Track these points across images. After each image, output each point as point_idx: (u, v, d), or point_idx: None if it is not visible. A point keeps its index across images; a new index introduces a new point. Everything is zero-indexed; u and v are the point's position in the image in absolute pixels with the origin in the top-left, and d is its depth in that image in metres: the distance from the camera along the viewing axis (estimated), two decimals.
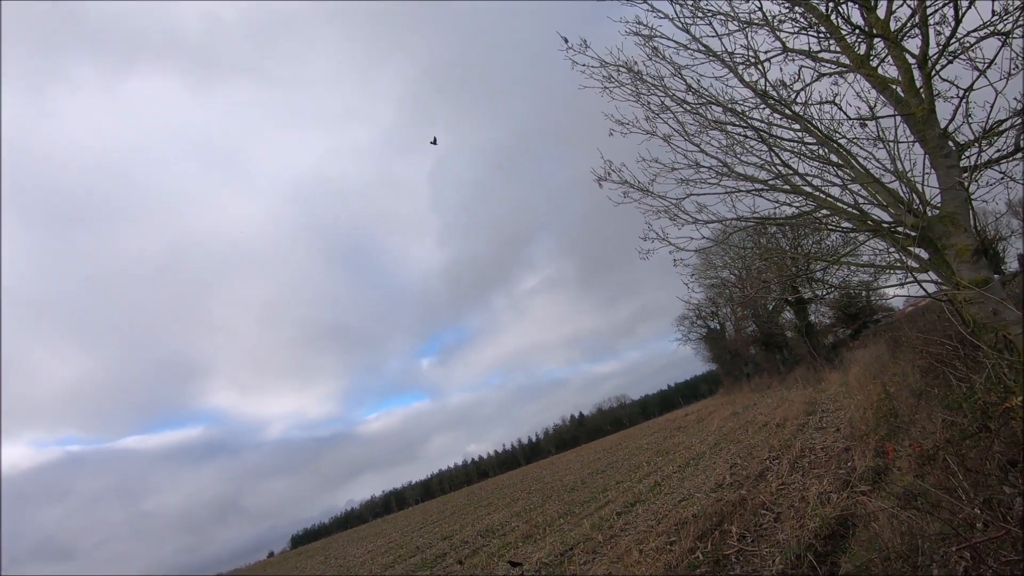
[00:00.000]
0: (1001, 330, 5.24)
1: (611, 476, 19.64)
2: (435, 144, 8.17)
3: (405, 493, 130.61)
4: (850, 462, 8.89)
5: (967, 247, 5.46)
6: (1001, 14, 5.47)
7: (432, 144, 8.16)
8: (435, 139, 8.00)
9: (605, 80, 7.59)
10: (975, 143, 5.78)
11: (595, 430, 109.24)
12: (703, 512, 8.64)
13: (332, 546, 44.02)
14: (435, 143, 8.08)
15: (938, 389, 7.71)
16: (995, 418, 4.77)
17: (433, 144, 8.14)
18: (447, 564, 12.87)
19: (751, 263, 12.98)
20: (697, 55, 6.96)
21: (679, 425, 35.08)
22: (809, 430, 14.08)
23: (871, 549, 4.95)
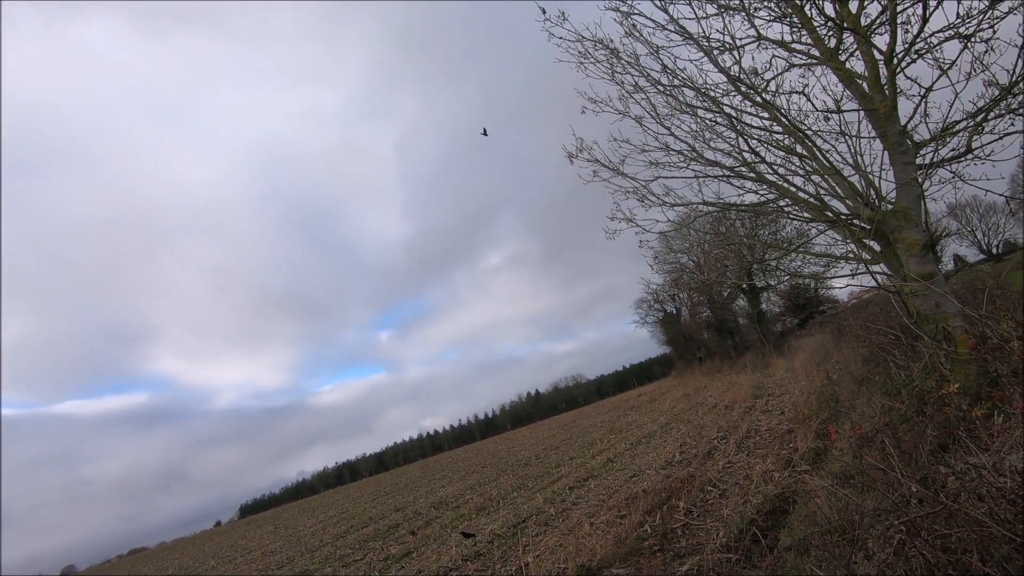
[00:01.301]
0: (941, 322, 5.52)
1: (565, 452, 20.05)
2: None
3: (359, 465, 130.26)
4: (793, 443, 9.30)
5: (917, 242, 5.70)
6: (964, 17, 5.64)
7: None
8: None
9: (581, 56, 7.50)
10: (931, 142, 5.99)
11: (551, 407, 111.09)
12: (653, 488, 8.92)
13: (282, 516, 43.63)
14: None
15: (878, 376, 8.12)
16: (930, 404, 5.05)
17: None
18: (400, 535, 12.93)
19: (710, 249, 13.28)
20: (673, 36, 6.94)
21: (632, 405, 36.03)
22: (756, 412, 14.67)
23: (810, 524, 5.21)
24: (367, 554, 11.61)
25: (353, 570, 10.27)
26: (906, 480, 3.11)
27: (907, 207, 5.78)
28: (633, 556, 6.44)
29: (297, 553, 15.45)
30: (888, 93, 5.91)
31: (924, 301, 5.71)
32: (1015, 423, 3.48)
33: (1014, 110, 5.45)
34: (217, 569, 17.95)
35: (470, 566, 8.03)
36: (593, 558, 6.47)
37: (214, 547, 30.76)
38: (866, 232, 6.02)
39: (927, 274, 5.65)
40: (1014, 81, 5.38)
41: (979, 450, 3.43)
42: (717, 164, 6.82)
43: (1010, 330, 4.49)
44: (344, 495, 45.91)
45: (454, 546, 9.39)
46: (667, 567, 5.78)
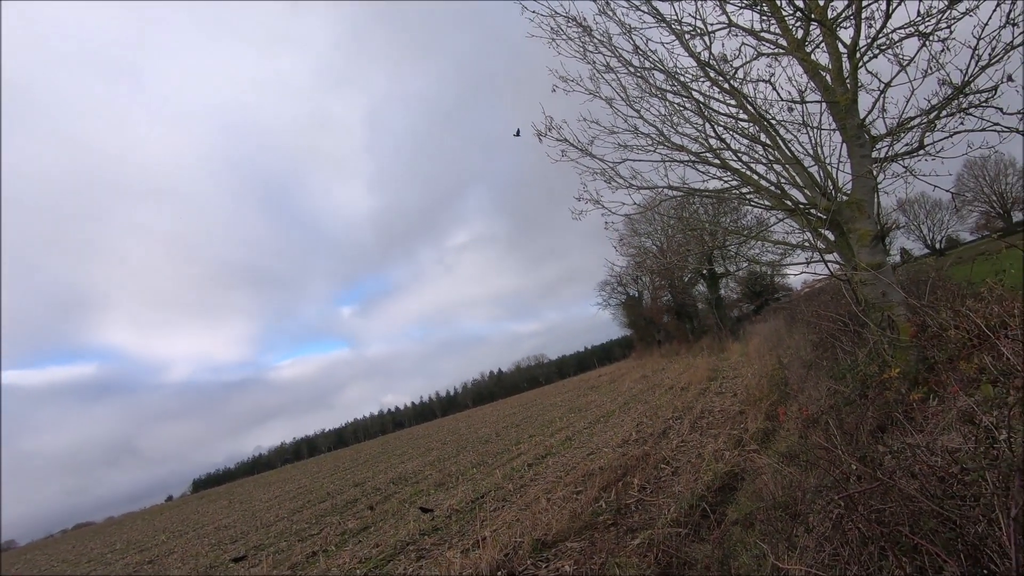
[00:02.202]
0: (887, 310, 5.79)
1: (525, 430, 20.32)
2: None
3: (317, 441, 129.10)
4: (744, 424, 9.67)
5: (868, 233, 5.92)
6: (924, 15, 5.80)
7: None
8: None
9: (553, 32, 7.40)
10: (887, 136, 6.19)
11: (512, 387, 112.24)
12: (609, 465, 9.14)
13: (237, 491, 42.97)
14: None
15: (826, 361, 8.48)
16: (873, 388, 5.31)
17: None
18: (358, 509, 12.91)
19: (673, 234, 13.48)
20: (646, 18, 6.91)
21: (592, 385, 36.71)
22: (710, 394, 15.16)
23: (756, 500, 5.45)
24: (323, 528, 11.56)
25: (309, 544, 10.21)
26: (847, 459, 3.27)
27: (861, 199, 5.98)
28: (587, 531, 6.61)
29: (251, 527, 15.27)
30: (850, 86, 6.07)
31: (872, 290, 5.97)
32: (948, 406, 3.69)
33: (964, 109, 5.67)
34: (167, 544, 17.58)
35: (427, 540, 8.10)
36: (549, 532, 6.61)
37: (165, 521, 30.09)
38: (822, 222, 6.22)
39: (876, 264, 5.89)
40: (966, 81, 5.58)
41: (914, 431, 3.63)
42: (683, 149, 6.89)
43: (948, 319, 4.73)
44: (302, 470, 45.49)
45: (412, 521, 9.45)
46: (619, 541, 5.95)
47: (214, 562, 11.26)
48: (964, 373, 3.94)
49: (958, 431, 3.20)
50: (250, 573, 9.02)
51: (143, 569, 13.37)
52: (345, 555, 8.60)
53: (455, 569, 6.02)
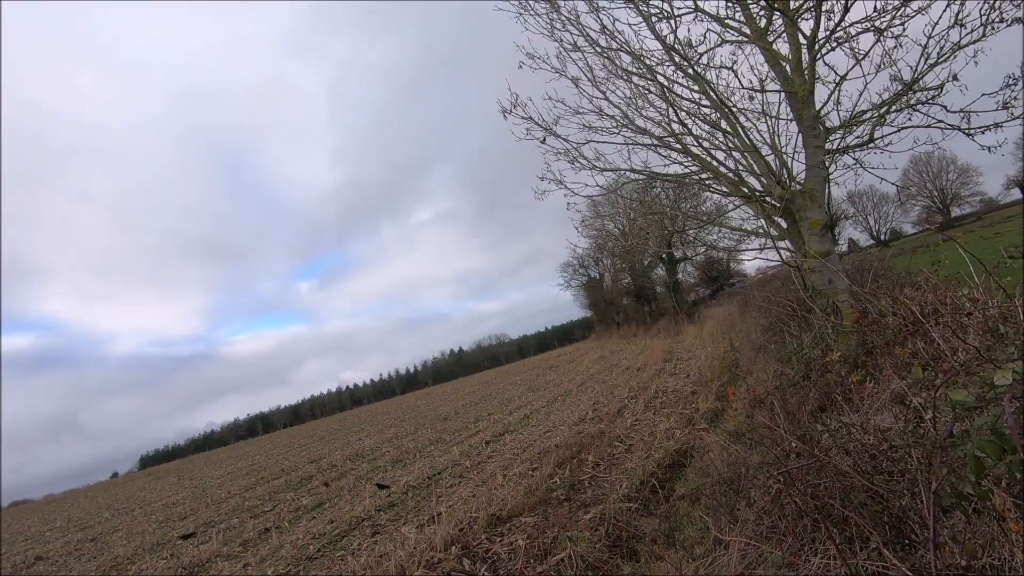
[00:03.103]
0: (832, 296, 6.04)
1: (484, 408, 20.47)
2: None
3: (273, 417, 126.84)
4: (695, 403, 10.00)
5: (819, 222, 6.13)
6: (880, 11, 5.97)
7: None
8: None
9: (520, 6, 7.29)
10: (840, 128, 6.39)
11: (473, 365, 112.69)
12: (565, 443, 9.32)
13: (187, 467, 41.89)
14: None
15: (774, 345, 8.82)
16: (815, 370, 5.56)
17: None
18: (313, 486, 12.80)
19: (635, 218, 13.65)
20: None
21: (552, 365, 37.20)
22: (664, 375, 15.59)
23: (703, 476, 5.67)
24: (277, 505, 11.42)
25: (261, 521, 10.07)
26: (788, 437, 3.42)
27: (813, 188, 6.18)
28: (542, 506, 6.74)
29: (201, 504, 14.94)
30: (807, 77, 6.21)
31: (819, 277, 6.22)
32: (882, 388, 3.90)
33: (912, 105, 5.90)
34: (112, 521, 17.02)
35: (383, 516, 8.11)
36: (504, 508, 6.71)
37: (109, 499, 29.11)
38: (776, 209, 6.41)
39: (824, 252, 6.12)
40: (915, 78, 5.81)
41: (851, 411, 3.83)
42: (647, 132, 6.94)
43: (887, 307, 4.98)
44: (256, 447, 44.67)
45: (368, 497, 9.43)
46: (572, 516, 6.11)
47: (161, 539, 10.99)
48: (899, 357, 4.16)
49: (890, 411, 3.40)
50: (199, 550, 8.84)
51: (85, 547, 12.93)
52: (299, 531, 8.53)
53: (410, 544, 6.05)
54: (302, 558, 7.08)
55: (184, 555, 8.92)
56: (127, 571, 9.04)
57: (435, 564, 5.55)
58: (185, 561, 8.38)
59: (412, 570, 5.44)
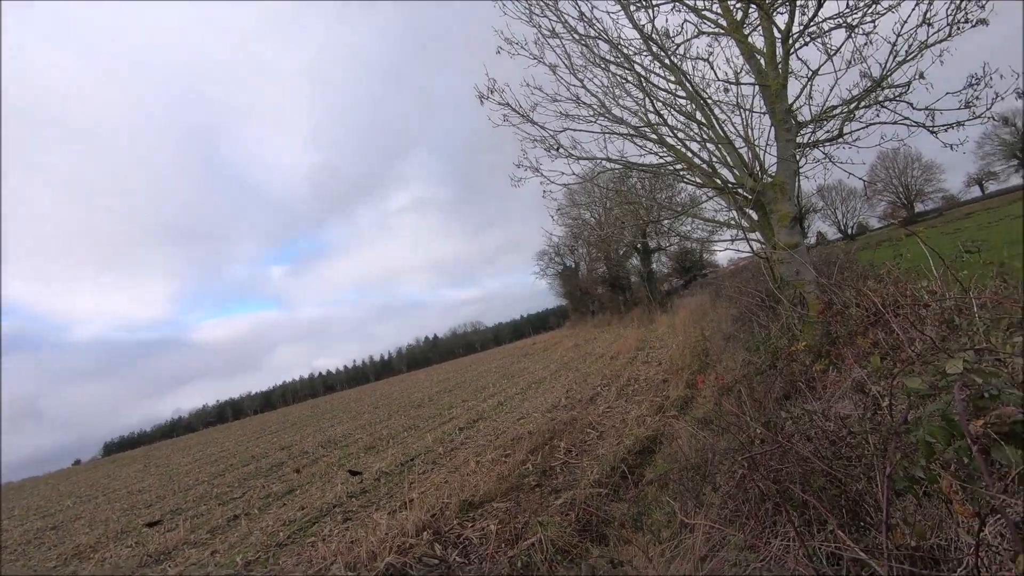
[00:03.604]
0: (799, 287, 6.19)
1: (458, 395, 20.49)
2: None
3: (243, 403, 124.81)
4: (666, 391, 10.18)
5: (788, 214, 6.25)
6: (852, 7, 6.08)
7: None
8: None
9: None
10: (811, 123, 6.51)
11: (448, 352, 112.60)
12: (538, 429, 9.40)
13: (153, 454, 41.00)
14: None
15: (743, 334, 9.02)
16: (782, 359, 5.71)
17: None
18: (284, 473, 12.67)
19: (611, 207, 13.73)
20: None
21: (527, 352, 37.39)
22: (637, 363, 15.81)
23: (672, 462, 5.79)
24: (247, 492, 11.29)
25: (230, 508, 9.95)
26: (753, 424, 3.51)
27: (784, 181, 6.30)
28: (514, 491, 6.81)
29: (168, 491, 14.67)
30: (781, 71, 6.30)
31: (788, 268, 6.36)
32: (844, 377, 4.03)
33: (880, 102, 6.04)
34: (73, 509, 16.60)
35: (355, 502, 8.09)
36: (476, 494, 6.76)
37: (71, 486, 28.35)
38: (748, 201, 6.51)
39: (793, 244, 6.26)
40: (884, 75, 5.94)
41: (814, 399, 3.95)
42: (623, 122, 6.97)
43: (851, 298, 5.13)
44: (225, 433, 43.94)
45: (340, 483, 9.38)
46: (544, 501, 6.18)
47: (126, 527, 10.77)
48: (860, 347, 4.30)
49: (851, 399, 3.51)
50: (166, 537, 8.69)
51: (45, 536, 12.58)
52: (269, 518, 8.46)
53: (381, 530, 6.05)
54: (272, 544, 7.02)
55: (150, 542, 8.76)
56: (90, 559, 8.84)
57: (406, 549, 5.57)
58: (151, 549, 8.23)
59: (383, 555, 5.44)
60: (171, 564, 7.35)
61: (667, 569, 3.23)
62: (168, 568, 7.20)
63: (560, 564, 4.60)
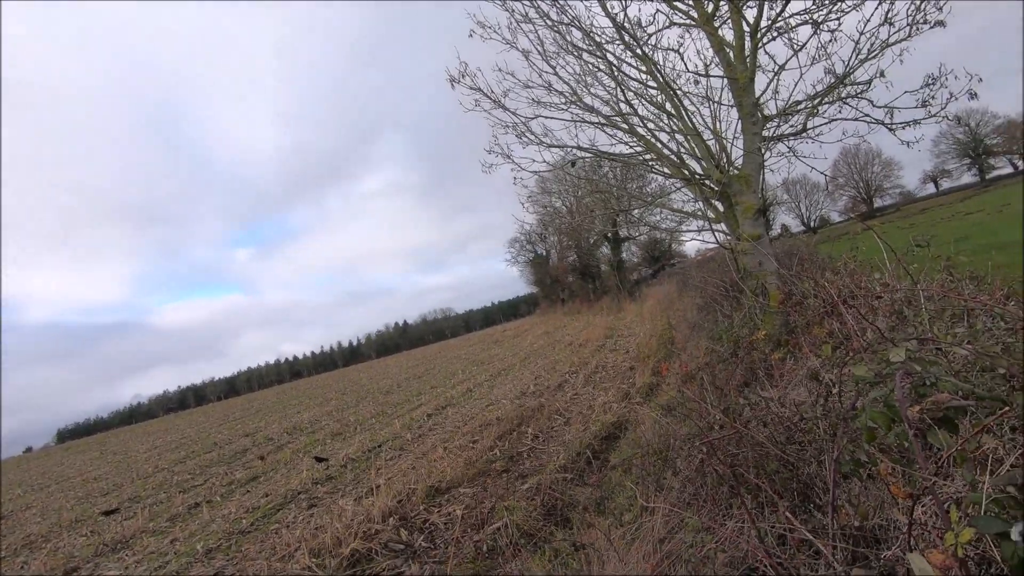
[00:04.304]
0: (761, 278, 6.35)
1: (427, 381, 20.45)
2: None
3: (206, 389, 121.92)
4: (632, 379, 10.37)
5: (752, 206, 6.39)
6: (818, 4, 6.20)
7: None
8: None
9: None
10: (777, 117, 6.65)
11: (418, 339, 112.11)
12: (506, 416, 9.47)
13: (111, 441, 39.75)
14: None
15: (708, 323, 9.23)
16: (743, 348, 5.87)
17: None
18: (247, 460, 12.46)
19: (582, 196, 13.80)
20: None
21: (496, 340, 37.49)
22: (605, 351, 16.03)
23: (635, 447, 5.92)
24: (208, 479, 11.07)
25: (191, 496, 9.75)
26: (712, 410, 3.61)
27: (749, 173, 6.43)
28: (481, 477, 6.86)
29: (126, 479, 14.27)
30: (749, 65, 6.40)
31: (751, 259, 6.52)
32: (800, 365, 4.17)
33: (842, 98, 6.20)
34: (24, 498, 16.00)
35: (321, 489, 8.02)
36: (443, 479, 6.78)
37: (21, 474, 27.29)
38: (714, 192, 6.63)
39: (756, 236, 6.41)
40: (847, 72, 6.09)
41: (771, 386, 4.08)
42: (594, 111, 6.98)
43: (809, 289, 5.30)
44: (187, 420, 42.88)
45: (305, 470, 9.29)
46: (510, 486, 6.25)
47: (81, 516, 10.45)
48: (816, 336, 4.45)
49: (805, 386, 3.64)
50: (123, 526, 8.47)
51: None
52: (231, 505, 8.32)
53: (347, 516, 6.03)
54: (234, 532, 6.93)
55: (106, 531, 8.53)
56: (41, 549, 8.56)
57: (372, 535, 5.57)
58: (107, 538, 8.01)
59: (349, 541, 5.43)
60: (129, 553, 7.18)
61: (627, 551, 3.32)
62: (125, 557, 7.03)
63: (525, 548, 4.67)
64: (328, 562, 5.18)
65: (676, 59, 7.00)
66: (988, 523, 1.03)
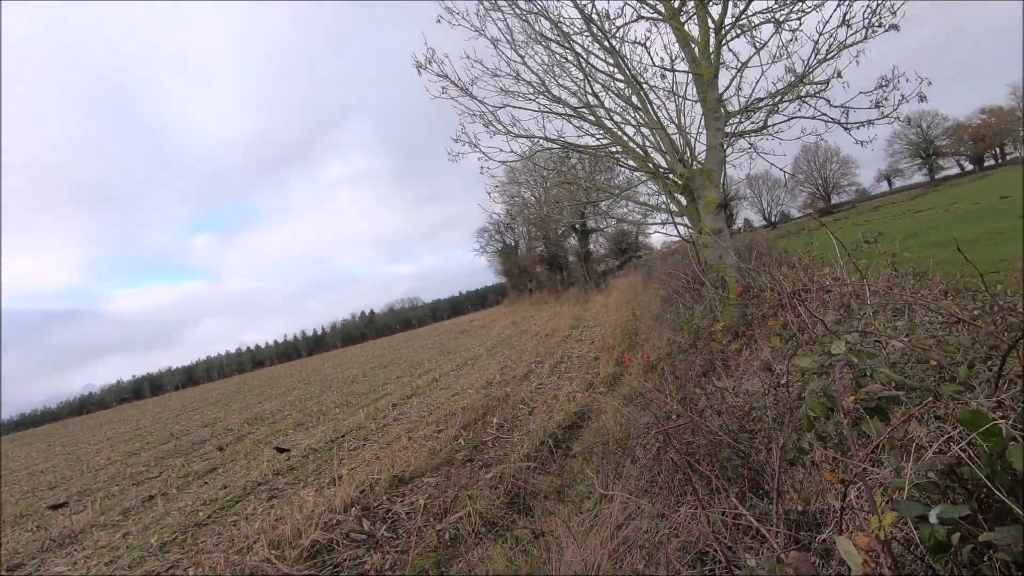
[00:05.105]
0: (721, 271, 6.51)
1: (393, 371, 20.29)
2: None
3: (163, 379, 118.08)
4: (596, 369, 10.52)
5: (714, 200, 6.53)
6: (780, 3, 6.34)
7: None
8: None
9: None
10: (739, 113, 6.79)
11: (384, 328, 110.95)
12: (471, 405, 9.49)
13: (59, 432, 38.14)
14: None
15: (670, 314, 9.42)
16: (703, 339, 6.02)
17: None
18: (206, 451, 12.16)
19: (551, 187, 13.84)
20: None
21: (464, 329, 37.44)
22: (571, 341, 16.20)
23: (596, 435, 6.02)
24: (164, 472, 10.76)
25: (145, 488, 9.47)
26: (670, 400, 3.70)
27: (711, 168, 6.56)
28: (445, 466, 6.87)
29: (76, 472, 13.74)
30: (713, 61, 6.51)
31: (712, 253, 6.67)
32: (755, 356, 4.31)
33: (802, 97, 6.38)
34: None
35: (281, 480, 7.90)
36: (407, 469, 6.77)
37: None
38: (677, 186, 6.74)
39: (717, 230, 6.56)
40: (806, 71, 6.26)
41: (727, 376, 4.21)
42: (562, 102, 7.00)
43: (766, 283, 5.46)
44: (142, 410, 41.50)
45: (266, 461, 9.13)
46: (474, 475, 6.28)
47: (26, 510, 10.02)
48: (771, 328, 4.60)
49: (758, 377, 3.76)
50: (72, 520, 8.16)
51: None
52: (188, 497, 8.12)
53: (308, 507, 5.96)
54: (190, 525, 6.77)
55: (53, 526, 8.21)
56: None
57: (333, 526, 5.52)
58: (54, 532, 7.72)
59: (309, 532, 5.37)
60: (77, 548, 6.94)
61: (586, 538, 3.38)
62: (74, 552, 6.80)
63: (487, 536, 4.71)
64: (288, 554, 5.11)
65: (643, 53, 7.07)
66: (909, 507, 1.09)
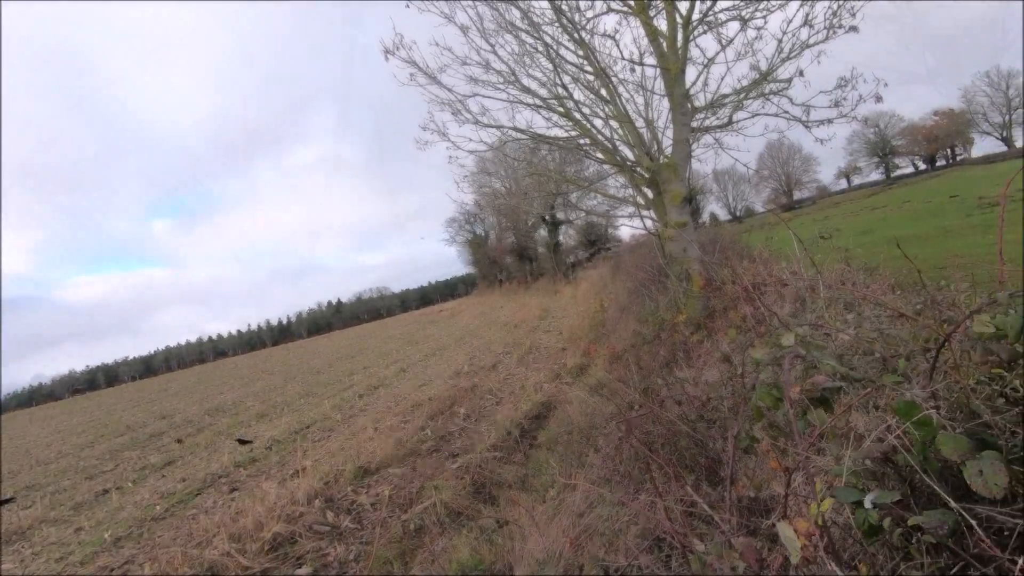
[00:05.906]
0: (685, 264, 6.64)
1: (359, 361, 20.07)
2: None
3: (118, 369, 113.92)
4: (563, 359, 10.61)
5: (679, 194, 6.63)
6: (747, 1, 6.45)
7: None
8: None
9: None
10: (705, 109, 6.90)
11: (352, 318, 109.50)
12: (438, 396, 9.48)
13: (6, 425, 36.46)
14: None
15: (636, 306, 9.56)
16: (666, 330, 6.14)
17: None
18: (164, 443, 11.82)
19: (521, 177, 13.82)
20: None
21: (432, 319, 37.28)
22: (539, 332, 16.30)
23: (561, 425, 6.09)
24: (119, 465, 10.42)
25: (99, 482, 9.16)
26: (634, 390, 3.77)
27: (677, 162, 6.66)
28: (411, 457, 6.86)
29: (23, 466, 13.17)
30: (681, 56, 6.59)
31: (676, 246, 6.79)
32: (715, 347, 4.42)
33: (765, 95, 6.52)
34: None
35: (243, 472, 7.75)
36: (373, 460, 6.73)
37: None
38: (644, 180, 6.83)
39: (682, 223, 6.68)
40: (770, 69, 6.40)
41: (688, 367, 4.30)
42: (532, 92, 6.98)
43: (728, 276, 5.59)
44: (96, 401, 40.01)
45: (227, 453, 8.93)
46: (440, 465, 6.29)
47: None
48: (732, 320, 4.73)
49: (718, 368, 3.86)
50: (19, 516, 7.84)
51: None
52: (144, 491, 7.89)
53: (270, 499, 5.87)
54: (147, 519, 6.59)
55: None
56: None
57: (296, 518, 5.46)
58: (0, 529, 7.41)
59: (271, 525, 5.30)
60: (25, 544, 6.67)
61: (548, 526, 3.43)
62: (21, 549, 6.53)
63: (451, 526, 4.72)
64: (249, 547, 5.03)
65: (612, 46, 7.09)
66: (845, 493, 1.15)
